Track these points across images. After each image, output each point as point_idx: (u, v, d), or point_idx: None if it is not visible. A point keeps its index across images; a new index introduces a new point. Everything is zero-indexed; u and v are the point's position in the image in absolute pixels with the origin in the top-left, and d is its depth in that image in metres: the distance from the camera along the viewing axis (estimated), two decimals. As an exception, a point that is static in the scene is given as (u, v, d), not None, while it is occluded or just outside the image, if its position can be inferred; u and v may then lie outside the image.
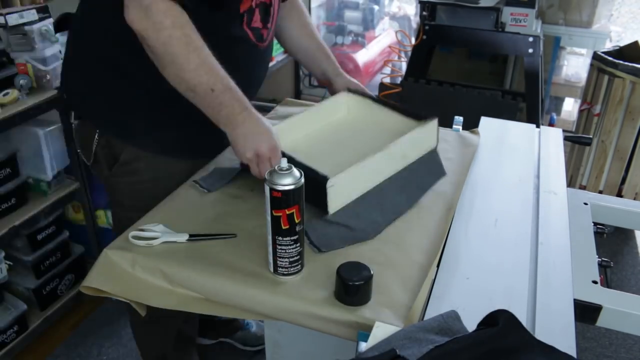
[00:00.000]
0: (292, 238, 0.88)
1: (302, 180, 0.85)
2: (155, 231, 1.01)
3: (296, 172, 0.85)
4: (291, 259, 0.90)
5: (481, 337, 0.69)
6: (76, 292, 1.93)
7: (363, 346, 0.76)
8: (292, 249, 0.89)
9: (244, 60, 1.20)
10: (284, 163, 0.85)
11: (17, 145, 1.72)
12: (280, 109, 1.50)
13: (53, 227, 1.83)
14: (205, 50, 1.03)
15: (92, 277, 0.98)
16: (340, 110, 1.35)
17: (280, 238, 0.88)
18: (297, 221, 0.86)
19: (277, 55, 2.87)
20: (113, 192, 1.30)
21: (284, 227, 0.87)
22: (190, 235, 1.01)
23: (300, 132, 1.24)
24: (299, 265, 0.91)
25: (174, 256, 0.97)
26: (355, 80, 1.41)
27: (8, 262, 1.70)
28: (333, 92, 1.39)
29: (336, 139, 1.26)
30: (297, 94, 3.46)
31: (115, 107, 1.20)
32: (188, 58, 1.01)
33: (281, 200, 0.84)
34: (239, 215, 1.07)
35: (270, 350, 1.25)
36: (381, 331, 0.77)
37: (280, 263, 0.90)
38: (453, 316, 0.76)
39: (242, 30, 1.15)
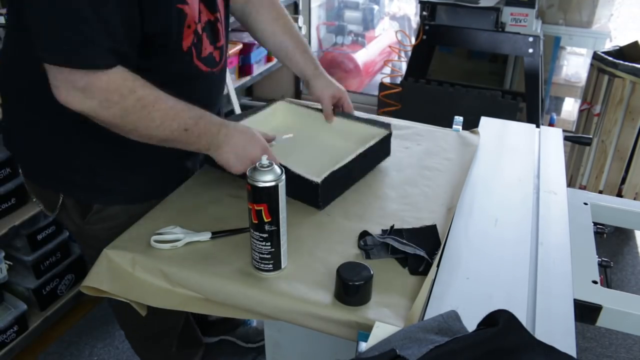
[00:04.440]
0: (261, 235, 0.89)
1: (276, 183, 0.85)
2: (175, 233, 1.01)
3: (272, 174, 0.85)
4: (261, 256, 0.91)
5: (481, 337, 0.69)
6: (76, 292, 1.93)
7: (363, 346, 0.76)
8: (262, 245, 0.90)
9: (199, 92, 1.11)
10: (264, 160, 0.86)
11: (17, 145, 1.72)
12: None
13: (53, 227, 1.83)
14: (162, 99, 0.95)
15: (92, 277, 0.98)
16: (275, 117, 1.37)
17: (251, 230, 0.90)
18: (266, 220, 0.87)
19: (277, 55, 2.86)
20: (87, 239, 1.20)
21: (253, 221, 0.88)
22: (213, 233, 1.01)
23: None
24: (270, 265, 0.92)
25: (173, 256, 0.97)
26: (335, 82, 1.32)
27: (8, 262, 1.70)
28: (312, 94, 1.32)
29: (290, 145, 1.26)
30: (297, 94, 3.46)
31: (77, 172, 1.10)
32: (151, 118, 0.94)
33: (251, 193, 0.86)
34: (239, 216, 1.07)
35: (270, 350, 1.25)
36: (381, 331, 0.77)
37: (253, 255, 0.92)
38: (453, 316, 0.76)
39: (192, 66, 1.07)
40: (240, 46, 2.50)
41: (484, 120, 1.50)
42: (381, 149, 1.25)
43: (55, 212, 1.16)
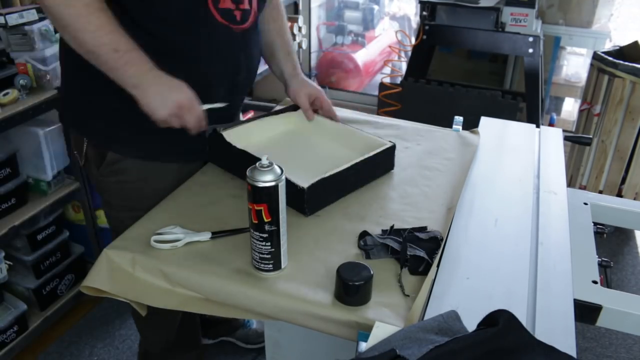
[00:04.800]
0: (261, 235, 0.89)
1: (276, 183, 0.85)
2: (175, 233, 1.01)
3: (272, 174, 0.85)
4: (261, 256, 0.91)
5: (481, 337, 0.69)
6: (76, 292, 1.93)
7: (363, 346, 0.76)
8: (262, 245, 0.90)
9: (218, 45, 1.13)
10: (265, 160, 0.86)
11: (17, 145, 1.72)
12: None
13: (53, 227, 1.83)
14: (107, 13, 0.99)
15: (92, 277, 0.98)
16: (289, 122, 1.36)
17: (251, 230, 0.90)
18: (266, 220, 0.87)
19: (277, 55, 2.86)
20: (102, 192, 1.29)
21: (253, 221, 0.88)
22: (213, 233, 1.01)
23: (252, 139, 1.26)
24: (270, 265, 0.92)
25: (173, 256, 0.97)
26: (312, 83, 1.35)
27: (8, 262, 1.70)
28: (288, 94, 1.36)
29: (289, 147, 1.28)
30: (297, 94, 3.46)
31: (98, 116, 1.17)
32: (88, 20, 0.97)
33: (251, 193, 0.86)
34: (239, 216, 1.07)
35: (270, 350, 1.25)
36: (381, 331, 0.77)
37: (253, 255, 0.92)
38: (453, 316, 0.76)
39: (207, 11, 1.08)
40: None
41: (484, 120, 1.50)
42: (382, 161, 1.23)
43: (82, 161, 1.24)
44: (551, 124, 2.88)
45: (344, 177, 1.12)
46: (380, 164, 1.22)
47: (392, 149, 1.23)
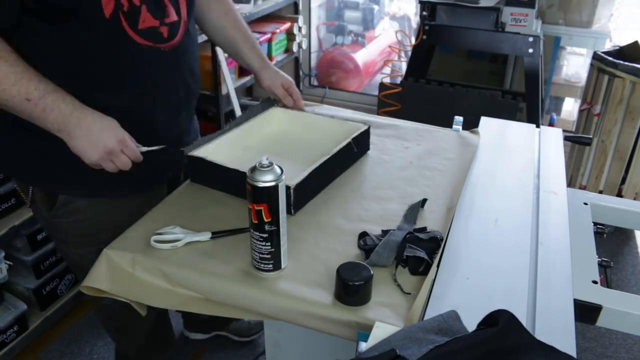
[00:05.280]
0: (261, 235, 0.89)
1: (276, 183, 0.85)
2: (175, 233, 1.01)
3: (272, 174, 0.85)
4: (261, 256, 0.91)
5: (481, 337, 0.69)
6: (76, 292, 1.93)
7: (363, 346, 0.76)
8: (262, 245, 0.90)
9: (144, 70, 1.07)
10: (265, 160, 0.86)
11: (17, 145, 1.72)
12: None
13: (53, 227, 1.83)
14: (9, 61, 0.91)
15: (92, 277, 0.98)
16: (271, 123, 1.38)
17: (251, 230, 0.90)
18: (266, 220, 0.87)
19: (277, 55, 2.86)
20: (56, 232, 1.23)
21: (253, 221, 0.88)
22: (213, 233, 1.01)
23: (238, 146, 1.26)
24: (270, 265, 0.92)
25: (173, 256, 0.97)
26: (283, 73, 1.38)
27: (8, 262, 1.70)
28: (262, 85, 1.38)
29: (275, 149, 1.29)
30: (297, 94, 3.46)
31: (34, 160, 1.11)
32: None
33: (250, 193, 0.86)
34: (239, 216, 1.07)
35: (270, 350, 1.25)
36: (381, 331, 0.77)
37: (253, 255, 0.92)
38: (453, 316, 0.76)
39: (125, 36, 1.01)
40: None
41: (484, 120, 1.50)
42: (358, 146, 1.26)
43: (28, 202, 1.19)
44: (551, 124, 2.88)
45: (324, 170, 1.14)
46: (357, 148, 1.25)
47: (366, 132, 1.28)
